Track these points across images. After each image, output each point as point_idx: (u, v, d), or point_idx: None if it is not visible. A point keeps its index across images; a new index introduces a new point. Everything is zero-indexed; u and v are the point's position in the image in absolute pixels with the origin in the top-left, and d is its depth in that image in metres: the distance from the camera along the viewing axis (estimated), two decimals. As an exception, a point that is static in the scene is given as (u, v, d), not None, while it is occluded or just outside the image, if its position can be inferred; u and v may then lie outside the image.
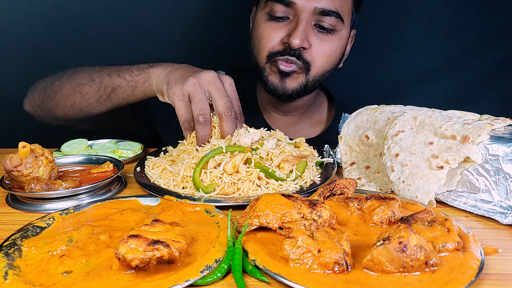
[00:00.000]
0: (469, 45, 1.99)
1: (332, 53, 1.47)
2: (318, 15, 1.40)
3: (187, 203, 0.95)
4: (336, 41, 1.46)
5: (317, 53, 1.44)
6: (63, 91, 1.48)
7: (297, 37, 1.38)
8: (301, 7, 1.39)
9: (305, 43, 1.40)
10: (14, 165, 0.99)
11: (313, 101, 1.68)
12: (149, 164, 1.19)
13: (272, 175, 1.04)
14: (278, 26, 1.44)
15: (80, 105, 1.46)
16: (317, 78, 1.48)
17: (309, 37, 1.41)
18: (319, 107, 1.75)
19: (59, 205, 0.99)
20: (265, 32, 1.46)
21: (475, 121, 1.00)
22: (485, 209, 0.92)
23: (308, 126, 1.71)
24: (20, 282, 0.66)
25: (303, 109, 1.67)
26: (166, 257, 0.66)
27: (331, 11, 1.40)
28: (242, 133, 1.14)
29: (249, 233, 0.80)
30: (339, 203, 0.91)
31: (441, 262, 0.68)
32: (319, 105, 1.74)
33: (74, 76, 1.48)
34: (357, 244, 0.75)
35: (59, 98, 1.49)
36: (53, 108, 1.52)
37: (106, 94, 1.41)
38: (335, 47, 1.47)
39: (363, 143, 1.16)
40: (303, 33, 1.39)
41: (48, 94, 1.52)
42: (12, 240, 0.78)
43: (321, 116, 1.75)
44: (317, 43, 1.43)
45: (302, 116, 1.69)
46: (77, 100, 1.46)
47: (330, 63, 1.49)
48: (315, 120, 1.73)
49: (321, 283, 0.64)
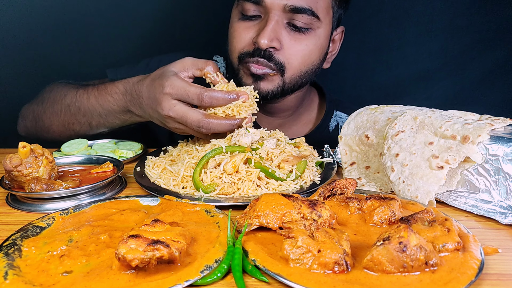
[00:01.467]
0: (470, 45, 1.99)
1: (308, 53, 1.37)
2: (289, 13, 1.31)
3: (187, 203, 0.95)
4: (312, 41, 1.37)
5: (291, 54, 1.35)
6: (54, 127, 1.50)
7: (264, 36, 1.29)
8: (270, 5, 1.30)
9: (275, 43, 1.31)
10: (14, 165, 1.00)
11: (301, 102, 1.60)
12: (149, 164, 1.19)
13: (272, 175, 1.04)
14: (249, 26, 1.36)
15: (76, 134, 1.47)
16: (294, 79, 1.39)
17: (280, 37, 1.32)
18: (309, 106, 1.67)
19: (59, 205, 0.99)
20: (236, 32, 1.39)
21: (475, 121, 1.00)
22: (485, 209, 0.92)
23: (297, 126, 1.64)
24: (20, 282, 0.66)
25: (291, 111, 1.59)
26: (166, 257, 0.66)
27: (303, 9, 1.30)
28: (242, 133, 1.14)
29: (249, 233, 0.80)
30: (339, 203, 0.91)
31: (441, 262, 0.68)
32: (309, 104, 1.67)
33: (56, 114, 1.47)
34: (357, 244, 0.75)
35: (53, 132, 1.51)
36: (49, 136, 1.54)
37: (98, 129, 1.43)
38: (311, 46, 1.37)
39: (363, 143, 1.16)
40: (272, 33, 1.30)
41: (40, 127, 1.53)
42: (12, 240, 0.78)
43: (311, 115, 1.67)
44: (290, 43, 1.34)
45: (289, 117, 1.62)
46: (71, 134, 1.47)
47: (308, 64, 1.40)
48: (304, 120, 1.65)
49: (321, 283, 0.64)
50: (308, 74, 1.43)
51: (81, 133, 1.46)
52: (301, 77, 1.41)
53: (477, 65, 2.01)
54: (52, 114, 1.49)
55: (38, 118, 1.53)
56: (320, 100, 1.70)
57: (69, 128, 1.46)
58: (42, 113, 1.52)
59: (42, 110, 1.52)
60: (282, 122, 1.61)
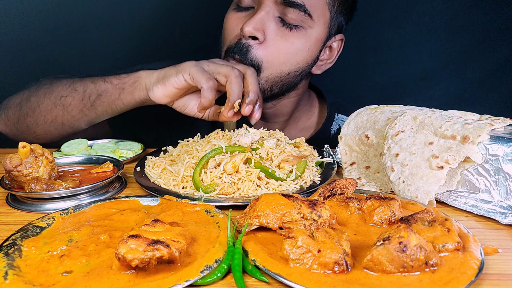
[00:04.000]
0: (470, 45, 1.99)
1: (293, 51, 1.29)
2: (281, 6, 1.25)
3: (187, 203, 0.95)
4: (300, 39, 1.29)
5: (272, 50, 1.27)
6: (42, 106, 1.36)
7: (250, 24, 1.22)
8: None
9: (259, 33, 1.24)
10: (14, 165, 1.00)
11: (297, 107, 1.53)
12: (149, 164, 1.19)
13: (272, 175, 1.04)
14: (241, 16, 1.31)
15: (62, 119, 1.35)
16: (272, 79, 1.31)
17: (266, 29, 1.25)
18: (308, 111, 1.60)
19: (59, 205, 0.99)
20: (228, 22, 1.34)
21: (475, 121, 1.00)
22: (485, 209, 0.92)
23: (295, 131, 1.57)
24: (20, 282, 0.66)
25: (286, 117, 1.52)
26: (166, 257, 0.66)
27: (295, 3, 1.24)
28: (242, 133, 1.14)
29: (249, 233, 0.80)
30: (339, 203, 0.91)
31: (441, 262, 0.68)
32: (308, 109, 1.60)
33: (52, 89, 1.36)
34: (357, 244, 0.75)
35: (39, 115, 1.37)
36: (31, 125, 1.39)
37: (90, 102, 1.30)
38: (298, 45, 1.29)
39: (363, 143, 1.16)
40: (259, 22, 1.24)
41: (25, 112, 1.39)
42: (12, 240, 0.78)
43: (310, 120, 1.61)
44: (276, 38, 1.27)
45: (286, 122, 1.55)
46: (59, 114, 1.34)
47: (291, 63, 1.31)
48: (302, 125, 1.59)
49: (321, 283, 0.64)
50: (291, 76, 1.35)
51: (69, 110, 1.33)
52: (281, 78, 1.33)
53: (478, 65, 2.01)
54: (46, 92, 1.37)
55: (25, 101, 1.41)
56: (320, 103, 1.64)
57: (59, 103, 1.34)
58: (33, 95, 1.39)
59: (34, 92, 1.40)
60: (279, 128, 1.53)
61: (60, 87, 1.36)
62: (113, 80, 1.28)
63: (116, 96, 1.28)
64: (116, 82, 1.28)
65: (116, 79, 1.28)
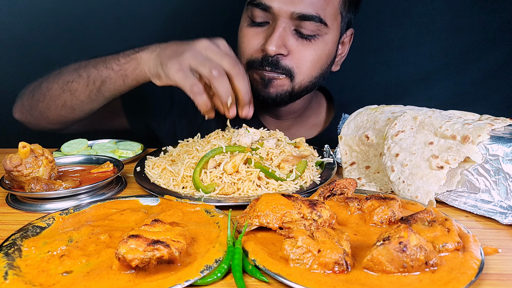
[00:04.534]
0: (470, 45, 1.99)
1: (316, 58, 1.39)
2: (297, 20, 1.32)
3: (187, 203, 0.95)
4: (319, 46, 1.38)
5: (299, 59, 1.36)
6: (51, 92, 1.40)
7: (272, 43, 1.30)
8: (278, 12, 1.31)
9: (282, 50, 1.32)
10: (14, 165, 1.00)
11: (308, 105, 1.61)
12: (149, 164, 1.19)
13: (272, 175, 1.04)
14: (257, 32, 1.38)
15: (71, 104, 1.38)
16: (304, 84, 1.41)
17: (287, 43, 1.33)
18: (316, 110, 1.69)
19: (59, 205, 0.99)
20: (245, 37, 1.40)
21: (475, 121, 1.00)
22: (485, 209, 0.92)
23: (304, 129, 1.65)
24: (20, 282, 0.66)
25: (297, 114, 1.61)
26: (166, 257, 0.66)
27: (310, 16, 1.30)
28: (242, 133, 1.14)
29: (249, 233, 0.80)
30: (339, 203, 0.91)
31: (441, 262, 0.68)
32: (316, 108, 1.68)
33: (60, 75, 1.40)
34: (357, 244, 0.75)
35: (49, 100, 1.42)
36: (44, 111, 1.45)
37: (96, 88, 1.32)
38: (319, 52, 1.38)
39: (363, 143, 1.16)
40: (280, 39, 1.31)
41: (37, 98, 1.45)
42: (12, 240, 0.78)
43: (319, 118, 1.69)
44: (298, 49, 1.35)
45: (296, 119, 1.64)
46: (67, 99, 1.38)
47: (317, 69, 1.41)
48: (311, 123, 1.67)
49: (321, 283, 0.64)
50: (317, 78, 1.44)
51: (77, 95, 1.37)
52: (311, 82, 1.43)
53: (478, 66, 2.01)
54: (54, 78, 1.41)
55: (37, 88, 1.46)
56: (328, 103, 1.72)
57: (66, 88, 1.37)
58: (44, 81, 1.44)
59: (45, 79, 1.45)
60: (289, 125, 1.63)
61: (66, 73, 1.39)
62: (114, 66, 1.29)
63: (121, 83, 1.30)
64: (117, 69, 1.29)
65: (116, 65, 1.29)
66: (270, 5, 1.31)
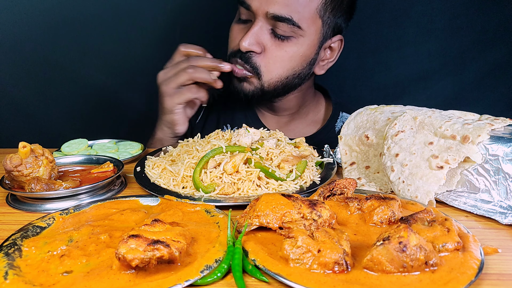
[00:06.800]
0: (469, 45, 1.99)
1: (287, 59, 1.44)
2: (272, 20, 1.38)
3: (187, 203, 0.95)
4: (292, 48, 1.43)
5: (269, 58, 1.43)
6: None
7: (245, 40, 1.39)
8: (255, 11, 1.39)
9: (255, 47, 1.40)
10: (14, 165, 1.00)
11: (303, 102, 1.67)
12: (149, 164, 1.19)
13: (272, 175, 1.04)
14: (241, 28, 1.46)
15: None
16: (273, 83, 1.47)
17: (263, 41, 1.41)
18: (315, 108, 1.74)
19: (59, 205, 0.99)
20: (231, 33, 1.51)
21: (475, 121, 1.00)
22: (485, 209, 0.92)
23: (303, 125, 1.71)
24: (20, 282, 0.66)
25: (293, 110, 1.67)
26: (166, 257, 0.66)
27: (283, 17, 1.36)
28: (242, 133, 1.14)
29: (249, 233, 0.80)
30: (339, 203, 0.91)
31: (441, 262, 0.68)
32: (315, 106, 1.74)
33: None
34: (357, 244, 0.75)
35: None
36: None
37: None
38: (291, 53, 1.44)
39: (363, 143, 1.16)
40: (253, 37, 1.39)
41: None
42: (12, 240, 0.78)
43: (317, 115, 1.74)
44: (271, 48, 1.42)
45: (294, 115, 1.70)
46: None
47: (287, 69, 1.46)
48: (310, 120, 1.73)
49: (321, 283, 0.64)
50: (289, 79, 1.49)
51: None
52: (281, 82, 1.49)
53: (477, 65, 2.01)
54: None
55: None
56: (326, 102, 1.78)
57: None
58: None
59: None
60: (288, 121, 1.70)
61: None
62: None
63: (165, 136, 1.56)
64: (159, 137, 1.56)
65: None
66: (250, 4, 1.40)
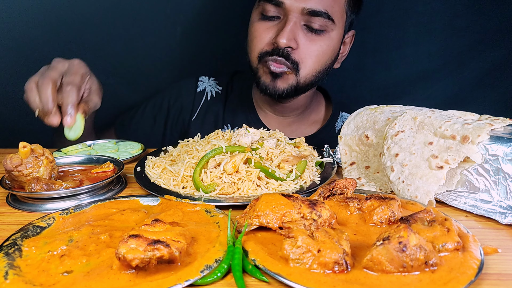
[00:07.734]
0: (469, 45, 1.99)
1: (321, 53, 1.46)
2: (307, 16, 1.40)
3: (187, 203, 0.95)
4: (325, 42, 1.46)
5: (306, 53, 1.44)
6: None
7: (283, 36, 1.38)
8: (289, 7, 1.39)
9: (292, 43, 1.40)
10: (15, 165, 1.00)
11: (310, 102, 1.69)
12: (149, 164, 1.19)
13: (272, 175, 1.04)
14: (269, 26, 1.45)
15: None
16: (308, 78, 1.48)
17: (297, 37, 1.41)
18: (316, 107, 1.76)
19: (59, 205, 0.99)
20: (257, 32, 1.47)
21: (474, 121, 1.00)
22: (485, 209, 0.92)
23: (305, 126, 1.72)
24: (20, 282, 0.66)
25: (300, 110, 1.68)
26: (166, 257, 0.66)
27: (320, 12, 1.39)
28: (242, 133, 1.14)
29: (249, 233, 0.80)
30: (339, 203, 0.91)
31: (440, 262, 0.68)
32: (316, 105, 1.75)
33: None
34: (357, 244, 0.75)
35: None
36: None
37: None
38: (325, 47, 1.46)
39: (363, 143, 1.16)
40: (290, 33, 1.39)
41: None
42: (12, 240, 0.78)
43: (318, 115, 1.76)
44: (306, 44, 1.43)
45: (298, 116, 1.70)
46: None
47: (321, 64, 1.49)
48: (312, 120, 1.74)
49: (321, 283, 0.64)
50: (321, 73, 1.51)
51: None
52: (315, 76, 1.50)
53: (477, 65, 2.01)
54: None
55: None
56: (326, 102, 1.80)
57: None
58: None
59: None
60: (291, 122, 1.70)
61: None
62: None
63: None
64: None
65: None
66: (283, 1, 1.39)
